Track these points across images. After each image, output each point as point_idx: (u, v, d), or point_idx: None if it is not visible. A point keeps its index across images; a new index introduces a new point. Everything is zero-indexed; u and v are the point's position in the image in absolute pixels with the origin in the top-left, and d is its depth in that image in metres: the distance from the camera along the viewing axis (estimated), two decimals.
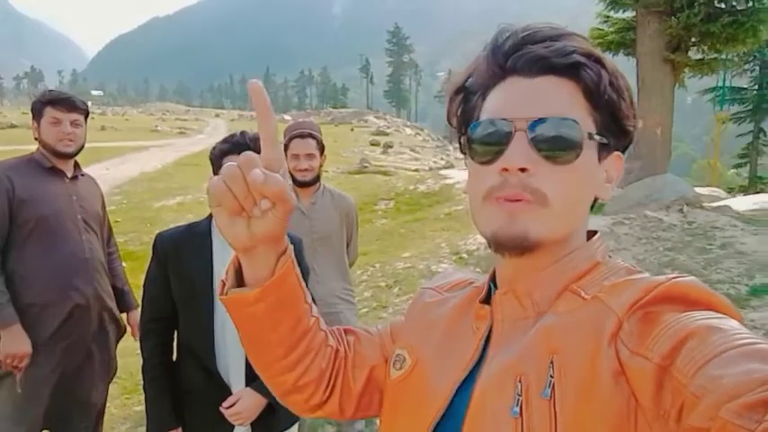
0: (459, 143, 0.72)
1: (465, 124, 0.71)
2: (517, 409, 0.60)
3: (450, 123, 0.73)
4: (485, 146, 0.65)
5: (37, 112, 2.47)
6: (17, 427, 2.35)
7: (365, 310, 5.66)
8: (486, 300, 0.74)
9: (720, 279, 5.25)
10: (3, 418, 2.36)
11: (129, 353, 3.16)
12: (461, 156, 0.73)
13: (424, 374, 0.74)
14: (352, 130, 39.20)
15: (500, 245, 0.64)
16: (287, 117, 49.55)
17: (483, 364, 0.68)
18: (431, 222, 9.20)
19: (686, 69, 12.59)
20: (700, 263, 5.70)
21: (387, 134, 34.30)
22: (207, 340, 1.85)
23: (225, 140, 1.89)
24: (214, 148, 1.90)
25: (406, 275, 6.49)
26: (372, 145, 27.09)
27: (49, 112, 2.45)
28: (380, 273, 6.81)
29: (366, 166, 16.19)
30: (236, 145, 1.84)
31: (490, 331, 0.70)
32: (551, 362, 0.59)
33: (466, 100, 0.71)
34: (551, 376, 0.58)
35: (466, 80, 0.71)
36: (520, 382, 0.61)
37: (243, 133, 1.88)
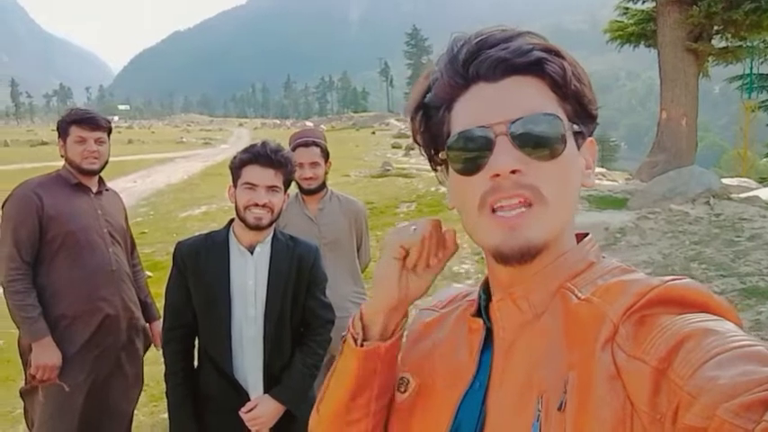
0: (432, 160, 0.72)
1: (434, 141, 0.70)
2: (537, 424, 0.59)
3: (416, 142, 0.73)
4: (466, 154, 0.64)
5: (63, 131, 2.56)
6: None
7: None
8: (478, 311, 0.74)
9: (749, 271, 5.13)
10: (40, 428, 2.45)
11: (155, 361, 3.22)
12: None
13: (429, 394, 0.74)
14: (373, 133, 39.20)
15: (505, 258, 0.64)
16: (308, 123, 50.02)
17: (492, 375, 0.68)
18: (452, 223, 8.97)
19: (710, 58, 12.34)
20: (728, 256, 5.59)
21: (408, 136, 34.15)
22: (224, 347, 1.89)
23: (245, 150, 1.92)
24: (235, 157, 1.94)
25: None
26: (394, 147, 27.07)
27: (75, 131, 2.53)
28: None
29: (388, 170, 16.18)
30: (257, 155, 1.87)
31: (493, 340, 0.70)
32: (566, 380, 0.59)
33: (428, 116, 0.69)
34: (564, 392, 0.58)
35: (424, 96, 0.69)
36: (541, 398, 0.60)
37: (264, 144, 1.91)
